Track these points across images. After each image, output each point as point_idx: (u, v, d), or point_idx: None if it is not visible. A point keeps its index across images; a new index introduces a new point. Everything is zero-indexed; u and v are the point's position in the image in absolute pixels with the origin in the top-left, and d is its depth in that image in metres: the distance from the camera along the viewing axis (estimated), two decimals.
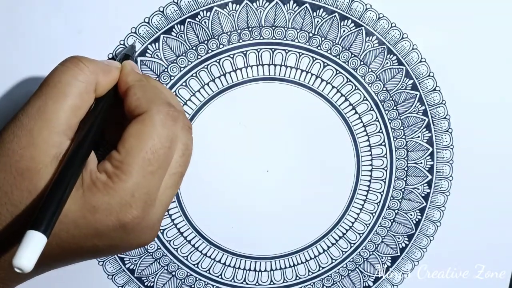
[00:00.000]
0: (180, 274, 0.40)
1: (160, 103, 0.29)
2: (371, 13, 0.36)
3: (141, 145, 0.27)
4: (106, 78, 0.29)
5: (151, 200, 0.28)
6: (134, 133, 0.28)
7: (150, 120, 0.28)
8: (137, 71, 0.32)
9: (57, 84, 0.27)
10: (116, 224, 0.27)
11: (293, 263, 0.41)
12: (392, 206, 0.40)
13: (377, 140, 0.39)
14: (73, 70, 0.28)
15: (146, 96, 0.29)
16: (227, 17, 0.35)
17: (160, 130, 0.28)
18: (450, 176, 0.40)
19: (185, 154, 0.30)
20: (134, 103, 0.29)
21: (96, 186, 0.27)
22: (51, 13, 0.34)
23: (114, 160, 0.27)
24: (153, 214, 0.29)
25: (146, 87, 0.30)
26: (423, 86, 0.38)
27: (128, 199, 0.27)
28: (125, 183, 0.27)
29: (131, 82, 0.30)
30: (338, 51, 0.37)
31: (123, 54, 0.33)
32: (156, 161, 0.28)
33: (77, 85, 0.28)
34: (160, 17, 0.35)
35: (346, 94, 0.38)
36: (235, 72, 0.36)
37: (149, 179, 0.28)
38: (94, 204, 0.27)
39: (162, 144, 0.28)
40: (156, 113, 0.28)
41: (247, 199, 0.39)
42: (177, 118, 0.29)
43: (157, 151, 0.28)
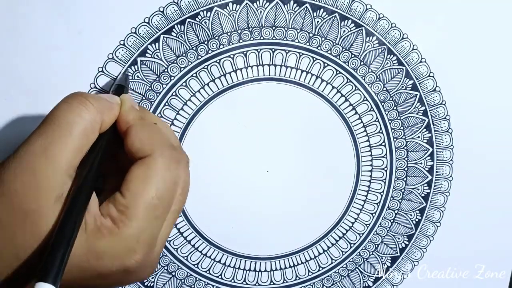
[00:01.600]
0: (180, 274, 0.40)
1: (163, 145, 0.29)
2: (371, 13, 0.36)
3: (146, 189, 0.27)
4: (109, 116, 0.29)
5: (154, 242, 0.28)
6: (139, 176, 0.27)
7: (155, 164, 0.28)
8: (135, 106, 0.31)
9: (62, 123, 0.26)
10: (119, 268, 0.27)
11: (293, 263, 0.41)
12: (392, 206, 0.40)
13: (377, 141, 0.39)
14: (79, 109, 0.27)
15: (148, 138, 0.29)
16: (228, 17, 0.35)
17: (165, 175, 0.28)
18: (450, 177, 0.40)
19: (184, 190, 0.30)
20: (137, 144, 0.29)
21: (101, 232, 0.26)
22: (51, 13, 0.34)
23: (119, 204, 0.27)
24: (154, 253, 0.29)
25: (147, 127, 0.30)
26: (423, 86, 0.38)
27: (133, 245, 0.27)
28: (130, 229, 0.27)
29: (131, 122, 0.30)
30: (338, 51, 0.37)
31: (117, 85, 0.33)
32: (161, 206, 0.28)
33: (83, 125, 0.27)
34: (160, 17, 0.35)
35: (346, 95, 0.38)
36: (235, 72, 0.36)
37: (154, 224, 0.28)
38: (99, 251, 0.26)
39: (167, 188, 0.28)
40: (160, 157, 0.28)
41: (247, 200, 0.39)
42: (180, 161, 0.29)
43: (162, 196, 0.27)
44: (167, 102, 0.36)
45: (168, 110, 0.36)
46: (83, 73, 0.35)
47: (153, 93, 0.36)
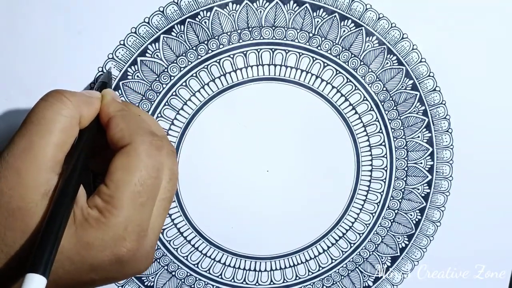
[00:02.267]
0: (180, 274, 0.40)
1: (143, 133, 0.29)
2: (371, 13, 0.36)
3: (129, 178, 0.27)
4: (89, 110, 0.29)
5: (143, 231, 0.28)
6: (121, 166, 0.28)
7: (135, 151, 0.28)
8: (117, 99, 0.32)
9: (41, 121, 0.27)
10: (111, 258, 0.27)
11: (293, 263, 0.41)
12: (392, 206, 0.40)
13: (377, 140, 0.39)
14: (56, 105, 0.27)
15: (128, 127, 0.29)
16: (227, 17, 0.35)
17: (146, 161, 0.28)
18: (450, 176, 0.40)
19: (172, 179, 0.30)
20: (117, 134, 0.29)
21: (88, 223, 0.27)
22: (51, 13, 0.34)
23: (104, 195, 0.27)
24: (147, 243, 0.29)
25: (127, 117, 0.30)
26: (423, 86, 0.38)
27: (122, 233, 0.27)
28: (117, 218, 0.27)
29: (112, 113, 0.30)
30: (338, 51, 0.37)
31: (101, 82, 0.33)
32: (145, 193, 0.28)
33: (62, 120, 0.27)
34: (160, 17, 0.35)
35: (346, 94, 0.38)
36: (235, 72, 0.36)
37: (140, 211, 0.28)
38: (88, 241, 0.26)
39: (150, 174, 0.28)
40: (141, 144, 0.28)
41: (247, 199, 0.39)
42: (161, 147, 0.29)
43: (145, 182, 0.28)
44: (167, 102, 0.36)
45: (168, 110, 0.37)
46: (83, 73, 0.35)
47: (153, 93, 0.36)
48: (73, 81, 0.35)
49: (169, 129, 0.37)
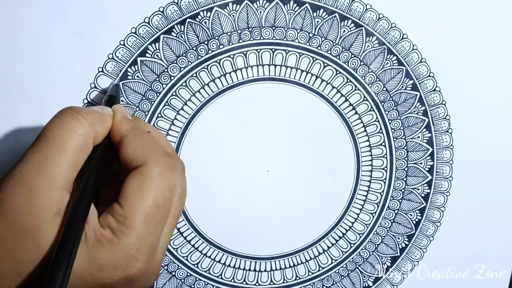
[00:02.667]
0: (180, 274, 0.40)
1: (157, 154, 0.29)
2: (371, 13, 0.36)
3: (143, 198, 0.27)
4: (102, 128, 0.29)
5: (155, 250, 0.28)
6: (135, 186, 0.27)
7: (149, 172, 0.28)
8: (127, 116, 0.32)
9: (56, 139, 0.27)
10: (122, 277, 0.27)
11: (293, 263, 0.41)
12: (392, 206, 0.40)
13: (377, 141, 0.39)
14: (72, 124, 0.27)
15: (142, 147, 0.29)
16: (227, 18, 0.35)
17: (160, 182, 0.28)
18: (450, 177, 0.40)
19: (181, 197, 0.30)
20: (130, 154, 0.29)
21: (101, 243, 0.26)
22: (51, 13, 0.34)
23: (117, 215, 0.27)
24: (156, 262, 0.29)
25: (140, 137, 0.30)
26: (423, 86, 0.38)
27: (134, 254, 0.27)
28: (129, 238, 0.27)
29: (125, 132, 0.30)
30: (338, 51, 0.37)
31: (108, 96, 0.33)
32: (158, 214, 0.28)
33: (77, 139, 0.27)
34: (160, 17, 0.35)
35: (346, 95, 0.38)
36: (235, 72, 0.36)
37: (153, 232, 0.28)
38: (101, 262, 0.26)
39: (164, 195, 0.28)
40: (155, 165, 0.28)
41: (247, 199, 0.39)
42: (175, 167, 0.29)
43: (159, 203, 0.28)
44: (167, 102, 0.36)
45: (168, 110, 0.37)
46: (83, 73, 0.35)
47: (153, 93, 0.36)
48: (73, 81, 0.35)
49: (169, 129, 0.37)
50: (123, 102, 0.36)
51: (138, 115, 0.36)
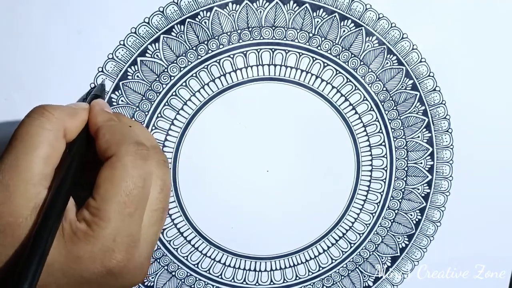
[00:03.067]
0: (180, 274, 0.40)
1: (128, 143, 0.29)
2: (371, 13, 0.36)
3: (114, 189, 0.27)
4: (73, 122, 0.29)
5: (134, 241, 0.28)
6: (106, 177, 0.28)
7: (120, 162, 0.28)
8: (107, 109, 0.32)
9: (25, 137, 0.27)
10: (102, 270, 0.27)
11: (293, 263, 0.41)
12: (392, 206, 0.40)
13: (377, 140, 0.39)
14: (39, 120, 0.28)
15: (114, 137, 0.29)
16: (227, 17, 0.35)
17: (131, 171, 0.28)
18: (450, 176, 0.40)
19: (163, 189, 0.30)
20: (104, 145, 0.29)
21: (77, 236, 0.27)
22: (51, 13, 0.34)
23: (91, 207, 0.27)
24: (139, 254, 0.29)
25: (114, 128, 0.30)
26: (423, 86, 0.38)
27: (110, 245, 0.27)
28: (104, 230, 0.27)
29: (100, 123, 0.30)
30: (338, 51, 0.37)
31: (93, 95, 0.33)
32: (132, 203, 0.28)
33: (45, 134, 0.27)
34: (160, 17, 0.35)
35: (346, 94, 0.38)
36: (235, 72, 0.36)
37: (128, 222, 0.28)
38: (78, 254, 0.27)
39: (135, 184, 0.28)
40: (125, 154, 0.28)
41: (247, 199, 0.39)
42: (147, 156, 0.29)
43: (131, 193, 0.28)
44: (167, 102, 0.36)
45: (168, 110, 0.37)
46: (83, 73, 0.35)
47: (153, 93, 0.36)
48: (73, 81, 0.35)
49: (169, 129, 0.37)
50: (123, 102, 0.36)
51: (138, 115, 0.36)
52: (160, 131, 0.37)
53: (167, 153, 0.37)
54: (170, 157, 0.37)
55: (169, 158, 0.37)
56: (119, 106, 0.36)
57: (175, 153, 0.37)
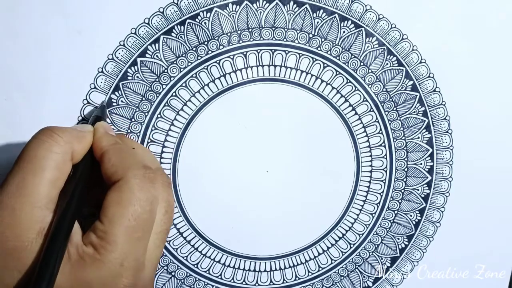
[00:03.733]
0: (179, 274, 0.40)
1: (135, 167, 0.29)
2: (371, 14, 0.36)
3: (122, 213, 0.27)
4: (81, 145, 0.29)
5: (141, 265, 0.28)
6: (114, 201, 0.27)
7: (127, 186, 0.28)
8: (110, 132, 0.32)
9: (33, 159, 0.27)
10: None
11: (292, 264, 0.41)
12: (392, 207, 0.40)
13: (377, 141, 0.39)
14: (48, 143, 0.28)
15: (121, 161, 0.29)
16: (227, 18, 0.35)
17: (139, 195, 0.28)
18: (450, 177, 0.40)
19: (168, 211, 0.30)
20: (110, 169, 0.29)
21: (84, 260, 0.26)
22: (51, 13, 0.34)
23: (98, 231, 0.27)
24: (144, 277, 0.29)
25: (120, 151, 0.30)
26: (423, 87, 0.38)
27: (118, 270, 0.27)
28: (112, 254, 0.27)
29: (105, 147, 0.30)
30: (338, 52, 0.37)
31: (95, 116, 0.33)
32: (139, 227, 0.28)
33: (53, 158, 0.27)
34: (160, 18, 0.35)
35: (346, 95, 0.38)
36: (235, 73, 0.36)
37: (136, 246, 0.28)
38: (86, 279, 0.26)
39: (143, 208, 0.28)
40: (133, 178, 0.28)
41: (247, 200, 0.39)
42: (154, 179, 0.29)
43: (139, 217, 0.27)
44: (167, 103, 0.36)
45: (168, 111, 0.37)
46: (83, 73, 0.35)
47: (153, 94, 0.36)
48: (73, 81, 0.35)
49: (169, 129, 0.37)
50: (122, 102, 0.36)
51: (138, 115, 0.36)
52: (160, 131, 0.37)
53: (167, 153, 0.37)
54: (170, 157, 0.37)
55: (169, 158, 0.37)
56: (119, 106, 0.36)
57: (175, 153, 0.37)
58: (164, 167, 0.37)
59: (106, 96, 0.35)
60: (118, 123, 0.36)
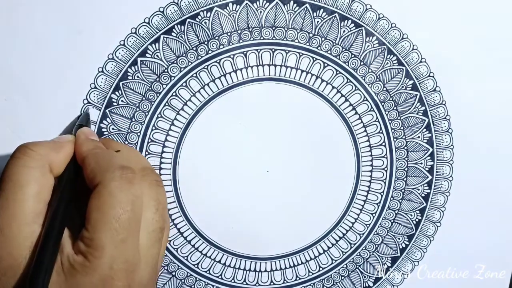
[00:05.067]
0: (180, 274, 0.40)
1: (112, 169, 0.29)
2: (371, 13, 0.36)
3: (104, 217, 0.27)
4: (58, 156, 0.29)
5: (132, 265, 0.28)
6: (95, 206, 0.28)
7: (106, 189, 0.28)
8: (92, 137, 0.32)
9: (11, 178, 0.27)
10: None
11: (293, 264, 0.41)
12: (392, 206, 0.40)
13: (377, 141, 0.39)
14: (23, 159, 0.28)
15: (98, 165, 0.29)
16: (228, 18, 0.35)
17: (118, 197, 0.28)
18: (450, 177, 0.40)
19: (158, 209, 0.30)
20: (90, 175, 0.29)
21: (75, 269, 0.27)
22: (51, 13, 0.34)
23: (85, 238, 0.27)
24: (141, 277, 0.29)
25: (98, 156, 0.30)
26: (423, 86, 0.38)
27: (108, 273, 0.27)
28: (100, 259, 0.27)
29: (85, 153, 0.30)
30: (338, 51, 0.37)
31: (78, 125, 0.33)
32: (123, 228, 0.27)
33: (30, 172, 0.28)
34: (160, 17, 0.35)
35: (346, 95, 0.38)
36: (235, 72, 0.36)
37: (122, 248, 0.27)
38: (79, 287, 0.27)
39: (124, 209, 0.28)
40: (110, 181, 0.28)
41: (247, 200, 0.39)
42: (133, 179, 0.29)
43: (120, 218, 0.27)
44: (167, 102, 0.36)
45: (168, 110, 0.37)
46: (83, 73, 0.35)
47: (153, 93, 0.36)
48: (73, 81, 0.35)
49: (169, 129, 0.37)
50: (123, 102, 0.36)
51: (138, 115, 0.36)
52: (160, 131, 0.37)
53: (167, 153, 0.37)
54: (170, 157, 0.37)
55: (169, 158, 0.37)
56: (119, 106, 0.36)
57: (175, 153, 0.37)
58: (164, 167, 0.37)
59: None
60: (119, 123, 0.36)
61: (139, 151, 0.37)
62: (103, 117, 0.36)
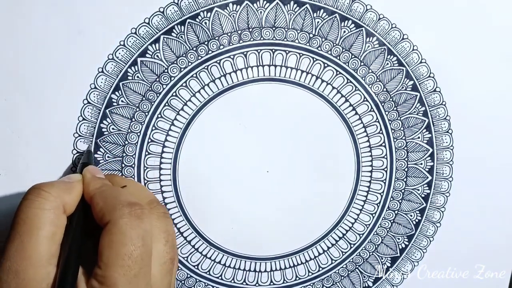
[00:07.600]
0: (180, 275, 0.40)
1: (120, 206, 0.29)
2: (372, 14, 0.36)
3: (115, 254, 0.27)
4: (71, 197, 0.30)
5: None
6: (106, 244, 0.28)
7: (116, 227, 0.28)
8: (98, 175, 0.32)
9: (26, 221, 0.27)
10: None
11: (293, 264, 0.41)
12: (392, 207, 0.40)
13: (377, 141, 0.39)
14: (37, 201, 0.28)
15: (106, 204, 0.29)
16: (228, 18, 0.35)
17: (129, 234, 0.28)
18: (450, 177, 0.40)
19: (168, 240, 0.31)
20: (99, 214, 0.29)
21: None
22: (51, 13, 0.34)
23: (98, 276, 0.27)
24: None
25: (105, 194, 0.30)
26: (424, 87, 0.38)
27: None
28: None
29: (92, 192, 0.31)
30: (338, 51, 0.37)
31: (82, 164, 0.34)
32: (135, 264, 0.28)
33: (46, 215, 0.28)
34: (160, 18, 0.35)
35: (347, 95, 0.38)
36: (236, 72, 0.36)
37: (136, 283, 0.28)
38: None
39: (135, 246, 0.28)
40: (119, 218, 0.28)
41: (247, 200, 0.39)
42: (142, 215, 0.29)
43: (132, 255, 0.28)
44: (167, 103, 0.36)
45: (168, 111, 0.36)
46: (83, 73, 0.35)
47: (153, 94, 0.36)
48: (73, 81, 0.35)
49: (169, 129, 0.37)
50: (123, 102, 0.36)
51: (138, 115, 0.36)
52: (160, 131, 0.37)
53: (167, 153, 0.37)
54: (170, 157, 0.37)
55: (169, 158, 0.37)
56: (119, 106, 0.36)
57: (175, 153, 0.37)
58: (164, 167, 0.37)
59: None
60: (119, 123, 0.36)
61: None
62: (103, 117, 0.36)
